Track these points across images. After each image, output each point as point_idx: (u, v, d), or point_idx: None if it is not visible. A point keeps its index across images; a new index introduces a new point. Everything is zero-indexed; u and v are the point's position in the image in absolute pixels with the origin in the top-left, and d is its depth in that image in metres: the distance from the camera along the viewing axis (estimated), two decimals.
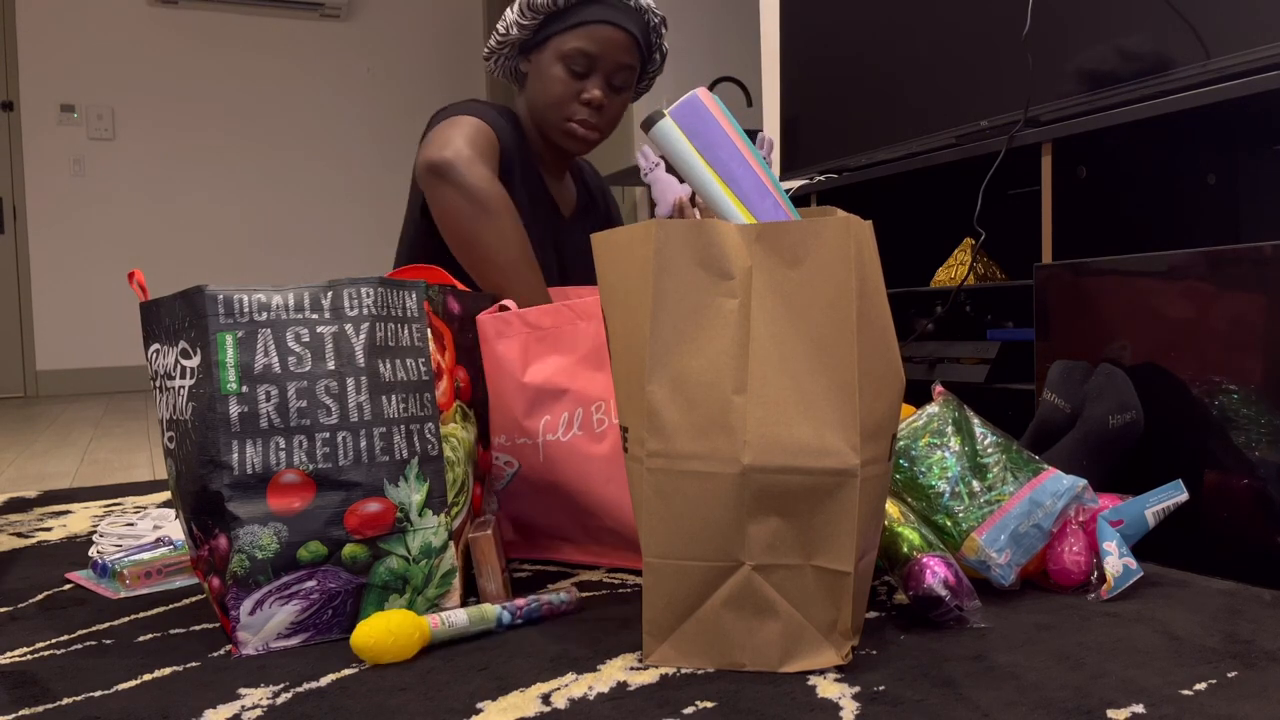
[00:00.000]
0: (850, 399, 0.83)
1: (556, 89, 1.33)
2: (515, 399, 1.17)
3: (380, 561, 0.96)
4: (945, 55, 1.82)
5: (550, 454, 1.16)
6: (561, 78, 1.33)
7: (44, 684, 0.88)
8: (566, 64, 1.32)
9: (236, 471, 0.92)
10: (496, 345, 1.18)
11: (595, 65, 1.32)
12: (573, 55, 1.32)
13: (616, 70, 1.33)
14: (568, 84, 1.33)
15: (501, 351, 1.18)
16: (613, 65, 1.33)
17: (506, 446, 1.19)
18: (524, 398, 1.17)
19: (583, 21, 1.31)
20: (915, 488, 1.09)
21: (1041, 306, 1.35)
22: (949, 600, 0.94)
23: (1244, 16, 1.33)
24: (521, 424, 1.18)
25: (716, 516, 0.85)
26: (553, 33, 1.33)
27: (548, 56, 1.34)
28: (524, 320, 1.18)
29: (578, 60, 1.32)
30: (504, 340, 1.18)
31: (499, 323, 1.18)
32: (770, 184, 0.95)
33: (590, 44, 1.31)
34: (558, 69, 1.33)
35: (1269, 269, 1.07)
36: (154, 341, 1.01)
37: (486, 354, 1.19)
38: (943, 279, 1.87)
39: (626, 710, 0.78)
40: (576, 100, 1.34)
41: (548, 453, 1.16)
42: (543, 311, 1.17)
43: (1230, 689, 0.80)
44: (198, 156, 5.01)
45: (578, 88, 1.33)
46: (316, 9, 5.18)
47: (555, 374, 1.16)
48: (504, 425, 1.19)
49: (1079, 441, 1.22)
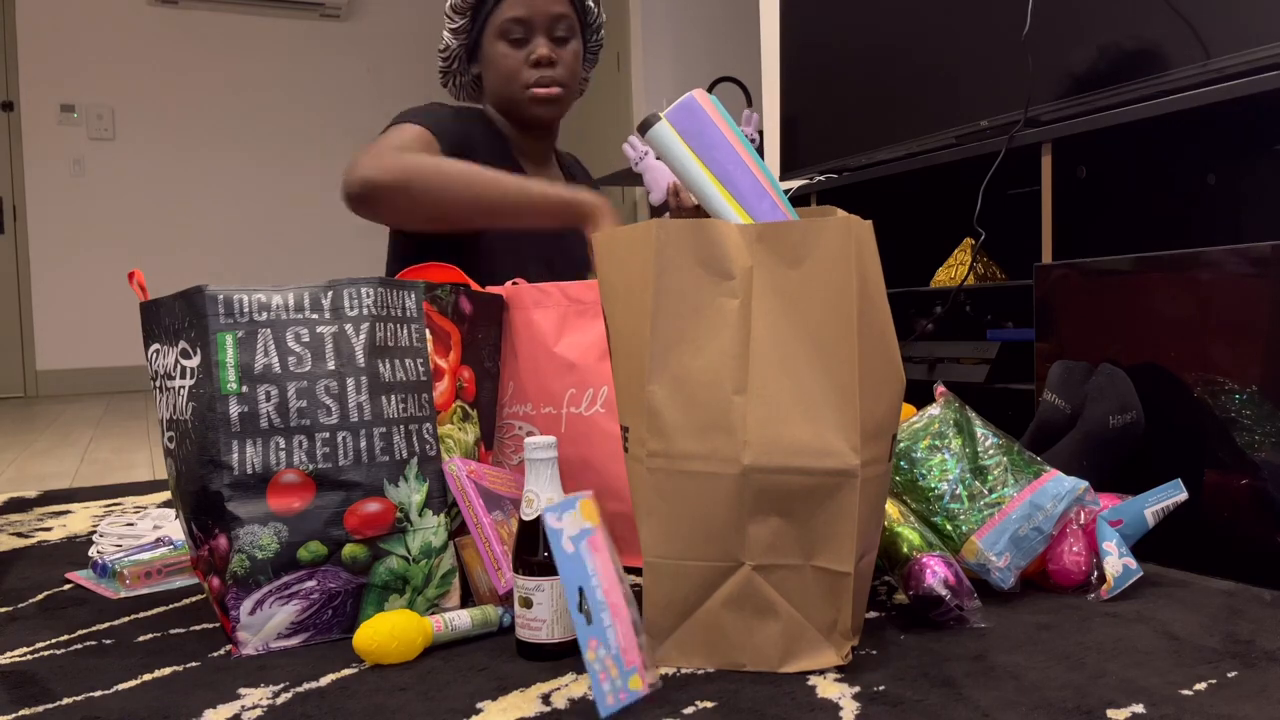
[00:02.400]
0: (850, 399, 0.83)
1: (506, 64, 1.38)
2: (545, 368, 1.19)
3: (380, 561, 0.96)
4: (945, 55, 1.82)
5: (571, 427, 1.18)
6: (507, 52, 1.38)
7: (44, 684, 0.88)
8: (506, 38, 1.37)
9: (236, 471, 0.92)
10: (532, 313, 1.20)
11: (532, 26, 1.37)
12: (507, 27, 1.37)
13: (552, 22, 1.38)
14: (514, 55, 1.38)
15: (536, 320, 1.19)
16: (547, 19, 1.37)
17: (530, 415, 1.21)
18: (553, 368, 1.19)
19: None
20: (915, 490, 1.09)
21: (1041, 306, 1.35)
22: (949, 600, 0.94)
23: (1244, 16, 1.33)
24: (548, 392, 1.19)
25: (717, 516, 0.85)
26: (484, 20, 1.38)
27: (488, 42, 1.39)
28: (565, 293, 1.20)
29: (513, 29, 1.37)
30: (540, 309, 1.19)
31: (537, 292, 1.20)
32: (769, 185, 0.95)
33: (518, 9, 1.36)
34: (500, 46, 1.38)
35: (1269, 269, 1.07)
36: (154, 341, 1.01)
37: (519, 320, 1.20)
38: (943, 279, 1.87)
39: (626, 710, 0.78)
40: (526, 65, 1.38)
41: (569, 425, 1.18)
42: (587, 286, 1.19)
43: (1230, 689, 0.80)
44: (198, 156, 5.01)
45: (524, 54, 1.38)
46: (316, 9, 5.18)
47: (589, 349, 1.18)
48: (530, 394, 1.21)
49: (1078, 442, 1.22)
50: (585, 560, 0.79)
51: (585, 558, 0.79)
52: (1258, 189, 1.57)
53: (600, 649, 0.77)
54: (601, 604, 0.78)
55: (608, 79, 4.41)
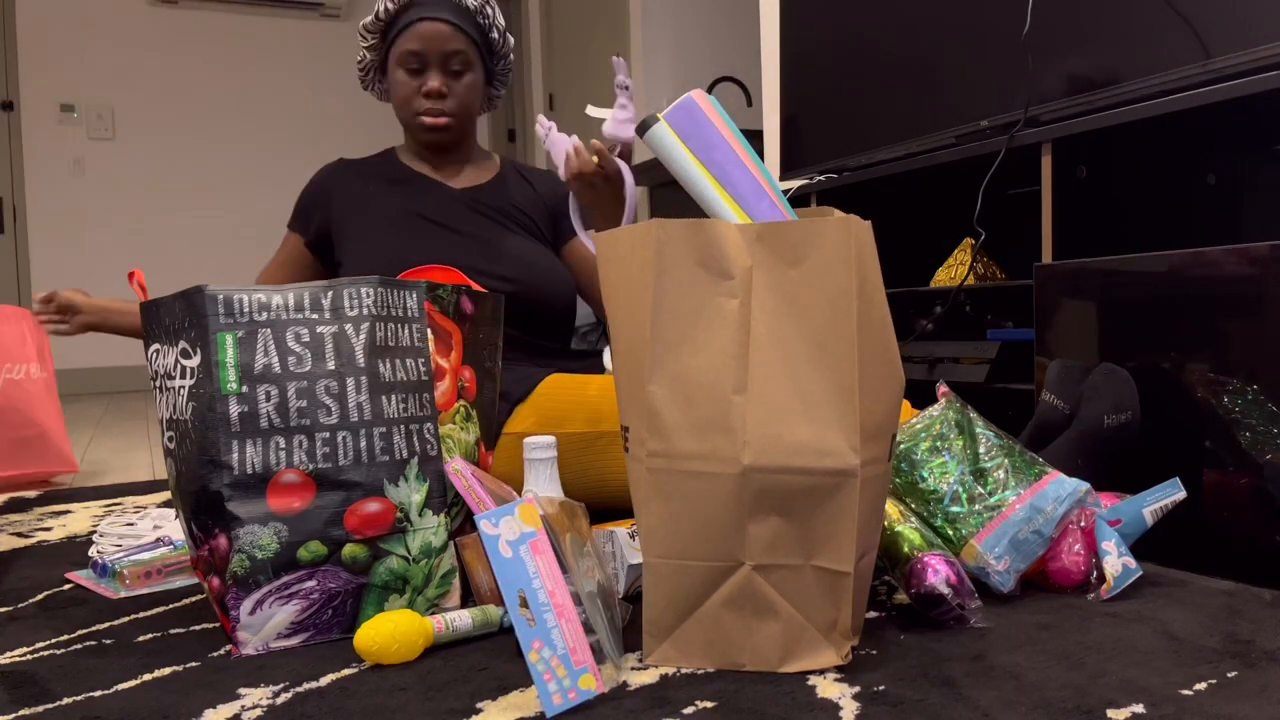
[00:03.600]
0: (850, 399, 0.83)
1: (402, 91, 1.48)
2: None
3: (380, 561, 0.96)
4: (945, 55, 1.82)
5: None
6: (404, 80, 1.47)
7: (44, 684, 0.88)
8: (404, 67, 1.46)
9: (237, 471, 0.92)
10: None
11: (426, 60, 1.45)
12: (404, 57, 1.45)
13: (447, 58, 1.45)
14: (409, 84, 1.47)
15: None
16: (441, 54, 1.45)
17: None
18: None
19: (405, 25, 1.45)
20: (915, 492, 1.09)
21: (1041, 306, 1.35)
22: (951, 599, 0.94)
23: (1244, 16, 1.33)
24: None
25: (716, 516, 0.85)
26: (389, 45, 1.48)
27: (391, 67, 1.48)
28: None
29: (410, 60, 1.45)
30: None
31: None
32: (767, 185, 0.95)
33: (414, 42, 1.44)
34: (399, 74, 1.47)
35: (1269, 269, 1.07)
36: (154, 341, 1.01)
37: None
38: (943, 279, 1.87)
39: (626, 710, 0.78)
40: (419, 95, 1.47)
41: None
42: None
43: (1230, 689, 0.80)
44: (198, 156, 5.00)
45: (417, 84, 1.47)
46: (316, 9, 5.18)
47: None
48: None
49: (1074, 441, 1.22)
50: (525, 564, 0.80)
51: (525, 561, 0.80)
52: (1258, 189, 1.57)
53: (544, 650, 0.78)
54: (545, 605, 0.79)
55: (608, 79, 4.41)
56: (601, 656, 0.85)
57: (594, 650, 0.83)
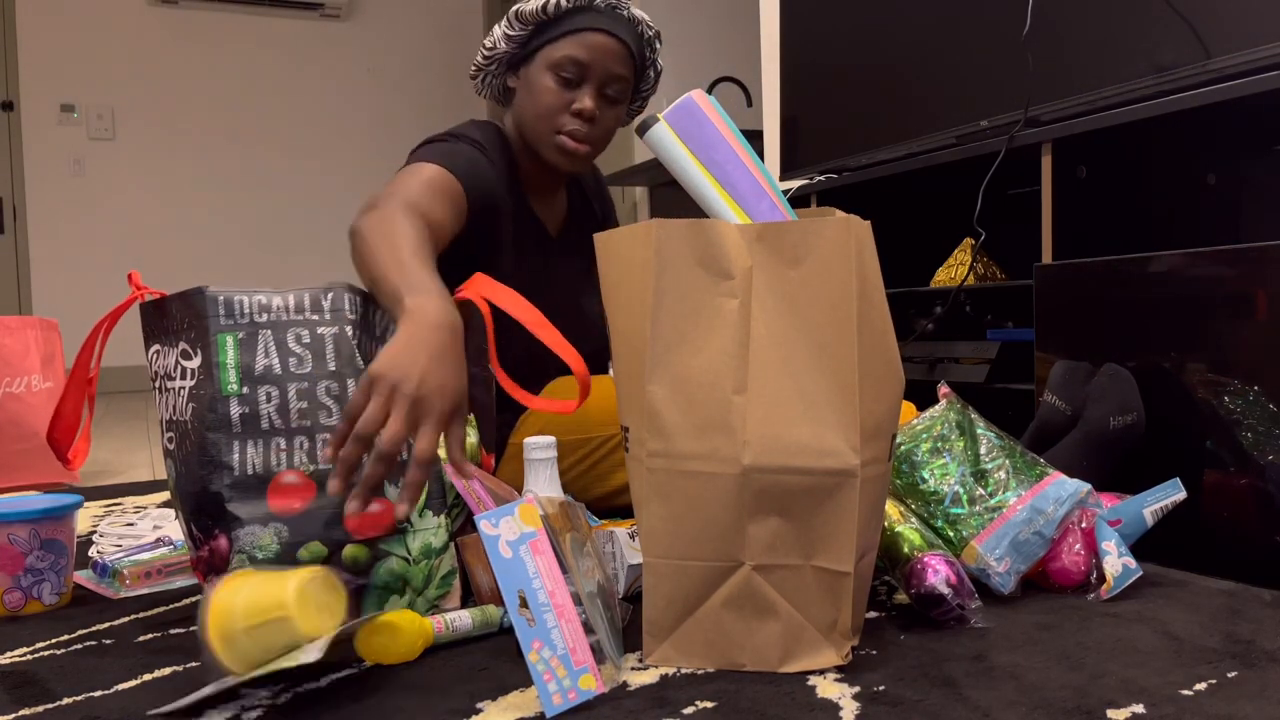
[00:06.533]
0: (850, 399, 0.83)
1: (546, 99, 1.27)
2: None
3: (380, 562, 0.96)
4: (945, 55, 1.82)
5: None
6: (551, 88, 1.27)
7: (44, 684, 0.88)
8: (557, 73, 1.27)
9: (237, 472, 0.92)
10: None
11: (587, 74, 1.27)
12: (563, 63, 1.26)
13: (609, 80, 1.28)
14: (558, 94, 1.27)
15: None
16: (604, 74, 1.27)
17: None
18: None
19: (574, 29, 1.26)
20: (916, 493, 1.09)
21: (1041, 306, 1.35)
22: (951, 599, 0.94)
23: (1244, 16, 1.33)
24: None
25: (717, 516, 0.85)
26: (542, 43, 1.28)
27: (536, 67, 1.29)
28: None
29: (568, 68, 1.26)
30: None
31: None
32: (767, 185, 0.95)
33: (581, 51, 1.26)
34: (547, 79, 1.27)
35: (1269, 269, 1.07)
36: (154, 342, 1.01)
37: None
38: (943, 279, 1.87)
39: (626, 710, 0.78)
40: (567, 111, 1.27)
41: None
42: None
43: (1230, 689, 0.80)
44: (198, 156, 5.00)
45: (568, 98, 1.27)
46: (316, 9, 5.18)
47: None
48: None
49: (1079, 442, 1.22)
50: (525, 564, 0.80)
51: (525, 561, 0.80)
52: (1258, 189, 1.57)
53: (544, 650, 0.78)
54: (545, 606, 0.79)
55: None
56: (601, 656, 0.85)
57: (594, 650, 0.83)
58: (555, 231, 1.41)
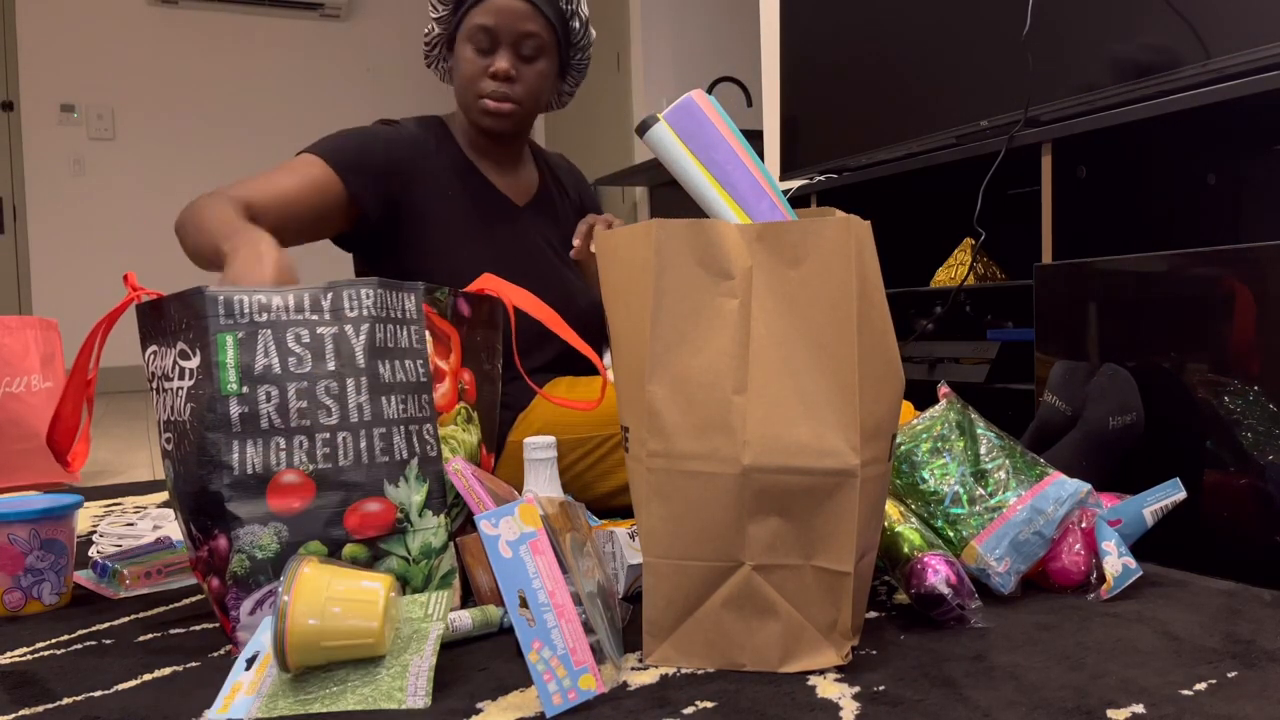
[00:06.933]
0: (850, 399, 0.83)
1: (466, 69, 1.36)
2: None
3: (380, 562, 0.96)
4: (945, 55, 1.82)
5: None
6: (470, 57, 1.36)
7: (44, 684, 0.88)
8: (473, 43, 1.35)
9: (237, 472, 0.92)
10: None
11: (497, 38, 1.35)
12: (474, 33, 1.34)
13: (519, 39, 1.35)
14: (475, 62, 1.36)
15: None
16: (514, 34, 1.34)
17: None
18: None
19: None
20: (916, 493, 1.09)
21: (1041, 306, 1.35)
22: (951, 599, 0.94)
23: (1244, 16, 1.33)
24: None
25: (717, 516, 0.85)
26: (461, 18, 1.37)
27: (459, 42, 1.38)
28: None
29: (480, 37, 1.34)
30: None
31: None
32: (767, 185, 0.95)
33: (488, 17, 1.34)
34: (466, 50, 1.36)
35: (1268, 269, 1.07)
36: (151, 343, 1.01)
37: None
38: (943, 279, 1.87)
39: (626, 710, 0.78)
40: (485, 75, 1.36)
41: None
42: None
43: (1230, 689, 0.80)
44: (198, 156, 5.00)
45: (485, 63, 1.36)
46: (316, 9, 5.18)
47: None
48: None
49: (1078, 442, 1.22)
50: (525, 564, 0.80)
51: (525, 561, 0.80)
52: (1258, 189, 1.57)
53: (544, 650, 0.78)
54: (545, 606, 0.79)
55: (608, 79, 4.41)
56: (601, 656, 0.85)
57: (594, 650, 0.83)
58: (523, 201, 1.47)
